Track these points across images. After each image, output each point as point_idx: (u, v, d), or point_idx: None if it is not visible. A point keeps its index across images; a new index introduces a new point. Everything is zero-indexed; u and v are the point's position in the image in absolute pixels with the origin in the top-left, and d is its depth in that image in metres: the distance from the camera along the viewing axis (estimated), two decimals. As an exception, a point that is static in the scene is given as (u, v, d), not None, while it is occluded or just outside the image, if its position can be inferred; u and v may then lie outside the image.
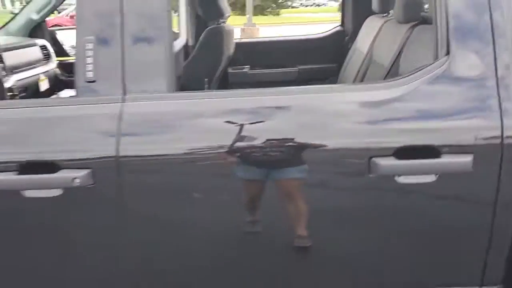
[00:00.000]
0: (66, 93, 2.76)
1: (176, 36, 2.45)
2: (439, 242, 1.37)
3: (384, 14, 2.52)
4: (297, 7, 58.41)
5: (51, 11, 2.92)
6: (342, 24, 3.21)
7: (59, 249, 1.41)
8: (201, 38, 2.60)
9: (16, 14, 3.02)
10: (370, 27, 2.55)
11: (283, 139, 1.30)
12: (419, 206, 1.34)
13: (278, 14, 39.80)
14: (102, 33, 1.35)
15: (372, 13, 2.60)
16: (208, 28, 2.57)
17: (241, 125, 1.30)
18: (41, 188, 1.32)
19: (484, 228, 1.33)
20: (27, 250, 1.41)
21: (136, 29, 1.35)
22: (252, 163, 1.32)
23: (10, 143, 1.35)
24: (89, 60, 1.35)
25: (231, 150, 1.30)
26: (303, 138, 1.29)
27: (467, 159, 1.26)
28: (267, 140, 1.29)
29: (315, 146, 1.29)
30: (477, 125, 1.28)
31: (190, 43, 2.91)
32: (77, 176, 1.30)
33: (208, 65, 2.55)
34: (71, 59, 3.28)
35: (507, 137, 1.26)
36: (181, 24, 2.64)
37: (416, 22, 1.96)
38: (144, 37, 1.35)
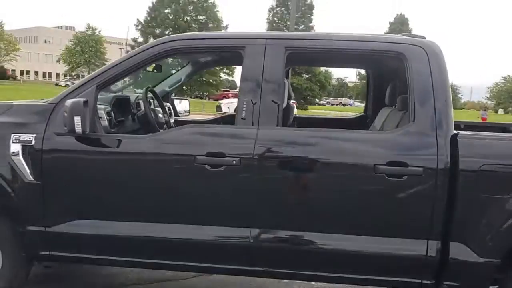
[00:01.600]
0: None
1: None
2: (406, 209, 2.75)
3: (393, 106, 4.04)
4: (324, 105, 61.59)
5: (178, 87, 4.54)
6: (365, 112, 4.74)
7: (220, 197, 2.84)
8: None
9: (155, 86, 4.64)
10: (383, 113, 4.07)
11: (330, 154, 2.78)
12: (397, 191, 2.74)
13: (306, 109, 42.90)
14: (250, 98, 2.88)
15: (384, 105, 4.13)
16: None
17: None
18: (218, 165, 2.78)
19: (430, 205, 2.72)
20: (202, 196, 2.85)
21: (267, 95, 2.87)
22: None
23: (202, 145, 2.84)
24: (244, 109, 2.87)
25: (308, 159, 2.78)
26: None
27: (420, 169, 2.69)
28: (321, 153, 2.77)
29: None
30: (425, 154, 2.71)
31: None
32: (235, 160, 2.77)
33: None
34: (180, 119, 4.84)
35: (439, 160, 2.68)
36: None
37: (406, 110, 3.47)
38: (269, 100, 2.88)
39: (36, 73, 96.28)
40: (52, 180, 2.90)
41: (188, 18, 44.46)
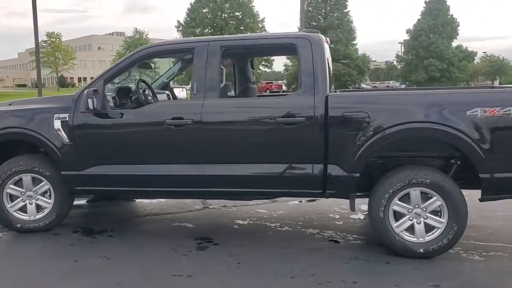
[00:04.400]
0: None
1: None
2: (299, 145, 4.26)
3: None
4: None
5: (173, 78, 6.20)
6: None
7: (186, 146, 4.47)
8: (240, 89, 5.72)
9: (157, 79, 6.33)
10: None
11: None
12: (291, 134, 4.25)
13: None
14: (200, 81, 4.48)
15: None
16: (244, 86, 5.68)
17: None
18: (179, 125, 4.40)
19: (313, 141, 4.22)
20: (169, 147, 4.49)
21: (209, 78, 4.45)
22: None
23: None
24: (195, 88, 4.47)
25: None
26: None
27: (303, 118, 4.20)
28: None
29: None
30: (306, 108, 4.20)
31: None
32: (189, 121, 4.38)
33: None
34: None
35: (315, 112, 4.18)
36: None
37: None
38: (211, 81, 4.45)
39: (92, 79, 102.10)
40: (80, 141, 4.63)
41: (225, 15, 46.57)
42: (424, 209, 4.11)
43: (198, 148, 4.44)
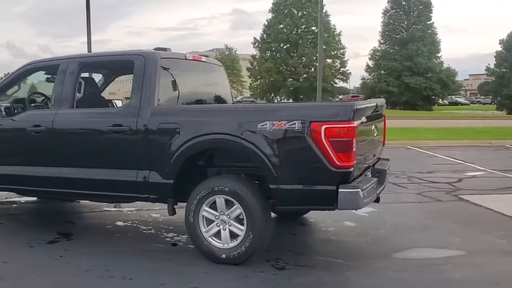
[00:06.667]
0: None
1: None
2: (126, 152, 4.64)
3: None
4: (467, 104, 59.40)
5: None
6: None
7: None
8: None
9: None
10: None
11: None
12: (120, 142, 4.66)
13: (429, 110, 41.44)
14: (58, 93, 5.06)
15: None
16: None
17: None
18: (38, 131, 5.02)
19: (137, 149, 4.57)
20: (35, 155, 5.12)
21: (66, 91, 5.01)
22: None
23: None
24: (53, 99, 5.06)
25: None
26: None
27: (127, 127, 4.58)
28: None
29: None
30: (130, 119, 4.58)
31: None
32: (43, 128, 4.98)
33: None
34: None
35: (138, 122, 4.55)
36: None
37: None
38: (67, 94, 5.01)
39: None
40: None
41: (300, 30, 46.91)
42: (228, 216, 4.27)
43: (51, 152, 5.01)
